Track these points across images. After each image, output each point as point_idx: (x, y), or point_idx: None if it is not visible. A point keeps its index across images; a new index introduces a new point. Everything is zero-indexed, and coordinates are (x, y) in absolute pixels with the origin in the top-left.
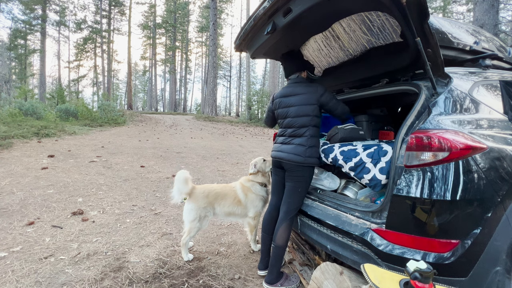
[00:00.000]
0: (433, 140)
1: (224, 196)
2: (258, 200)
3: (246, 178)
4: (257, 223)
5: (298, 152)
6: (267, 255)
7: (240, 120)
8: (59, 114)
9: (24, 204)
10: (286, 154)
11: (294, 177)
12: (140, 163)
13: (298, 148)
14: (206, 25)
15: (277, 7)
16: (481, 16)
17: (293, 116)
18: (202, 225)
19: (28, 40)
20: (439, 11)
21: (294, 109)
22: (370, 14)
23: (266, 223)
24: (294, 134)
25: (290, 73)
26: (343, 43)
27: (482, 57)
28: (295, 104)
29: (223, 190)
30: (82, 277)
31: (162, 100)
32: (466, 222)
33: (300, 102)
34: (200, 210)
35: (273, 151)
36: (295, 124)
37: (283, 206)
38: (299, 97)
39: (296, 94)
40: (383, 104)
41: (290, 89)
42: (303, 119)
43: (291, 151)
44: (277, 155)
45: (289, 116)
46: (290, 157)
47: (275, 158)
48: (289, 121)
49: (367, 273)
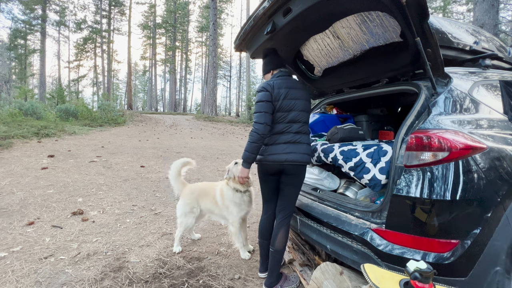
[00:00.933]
0: (433, 140)
1: (206, 193)
2: (233, 206)
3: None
4: (238, 231)
5: (309, 152)
6: (266, 258)
7: (240, 120)
8: (59, 114)
9: (24, 204)
10: (299, 155)
11: (296, 179)
12: (140, 163)
13: (308, 147)
14: (206, 25)
15: (277, 7)
16: (481, 16)
17: (300, 109)
18: (189, 220)
19: (28, 40)
20: (439, 11)
21: (301, 102)
22: (370, 14)
23: (263, 229)
24: (301, 131)
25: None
26: (343, 43)
27: (482, 57)
28: (302, 97)
29: (207, 187)
30: (82, 277)
31: (162, 100)
32: (466, 222)
33: (305, 96)
34: (187, 206)
35: (276, 154)
36: (302, 119)
37: (280, 211)
38: (303, 91)
39: (299, 88)
40: (383, 104)
41: (290, 82)
42: (307, 114)
43: (304, 151)
44: (287, 158)
45: (295, 109)
46: (303, 158)
47: (283, 162)
48: (295, 114)
49: (367, 273)
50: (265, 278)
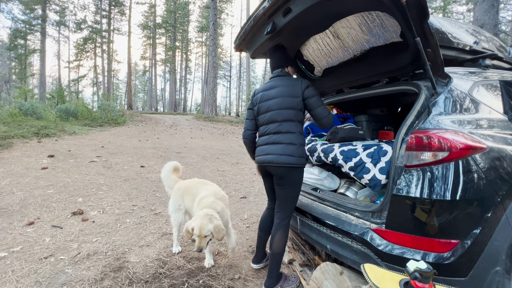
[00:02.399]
0: (433, 140)
1: (189, 191)
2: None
3: (209, 207)
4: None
5: (290, 152)
6: (261, 250)
7: (240, 120)
8: (59, 114)
9: (24, 204)
10: (276, 156)
11: (286, 182)
12: (140, 163)
13: (289, 147)
14: (206, 25)
15: (277, 7)
16: (481, 16)
17: (276, 108)
18: (178, 217)
19: (28, 40)
20: (439, 11)
21: (276, 100)
22: (370, 14)
23: (263, 223)
24: (279, 130)
25: (275, 67)
26: (343, 43)
27: (482, 57)
28: (277, 96)
29: (190, 184)
30: (82, 277)
31: (162, 100)
32: (466, 222)
33: (283, 93)
34: (174, 203)
35: (258, 155)
36: (278, 118)
37: (277, 213)
38: (282, 89)
39: (279, 86)
40: (383, 104)
41: (273, 82)
42: (287, 112)
43: (282, 152)
44: (265, 159)
45: (270, 109)
46: (282, 159)
47: (262, 163)
48: (271, 114)
49: (367, 273)
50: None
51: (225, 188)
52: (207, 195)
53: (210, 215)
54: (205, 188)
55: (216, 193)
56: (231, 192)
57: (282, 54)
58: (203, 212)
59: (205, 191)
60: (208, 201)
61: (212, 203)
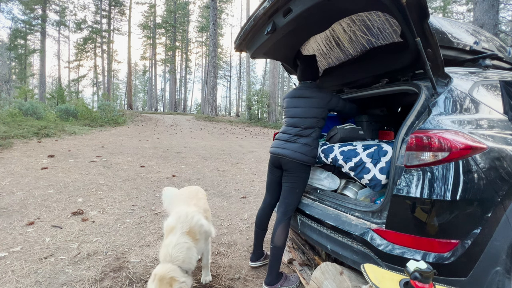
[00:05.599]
0: (433, 140)
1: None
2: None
3: (169, 257)
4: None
5: (304, 151)
6: (258, 248)
7: (240, 120)
8: (59, 114)
9: (24, 204)
10: (291, 151)
11: (294, 177)
12: (140, 163)
13: (304, 147)
14: (206, 25)
15: (277, 7)
16: (481, 16)
17: (301, 116)
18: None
19: (28, 40)
20: (439, 11)
21: (302, 110)
22: (370, 14)
23: (259, 219)
24: (300, 134)
25: (305, 79)
26: (343, 43)
27: (482, 57)
28: (304, 106)
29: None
30: (82, 277)
31: (162, 100)
32: (466, 222)
33: (309, 104)
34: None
35: (274, 147)
36: (302, 125)
37: (281, 206)
38: (308, 100)
39: (306, 96)
40: (383, 104)
41: (301, 91)
42: (310, 120)
43: (297, 150)
44: (280, 152)
45: (297, 116)
46: (296, 156)
47: (277, 154)
48: (296, 121)
49: (367, 273)
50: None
51: (225, 188)
52: (173, 227)
53: (168, 278)
54: (175, 212)
55: (183, 220)
56: (231, 192)
57: (312, 69)
58: (159, 272)
59: (171, 219)
60: (170, 245)
61: (174, 249)
